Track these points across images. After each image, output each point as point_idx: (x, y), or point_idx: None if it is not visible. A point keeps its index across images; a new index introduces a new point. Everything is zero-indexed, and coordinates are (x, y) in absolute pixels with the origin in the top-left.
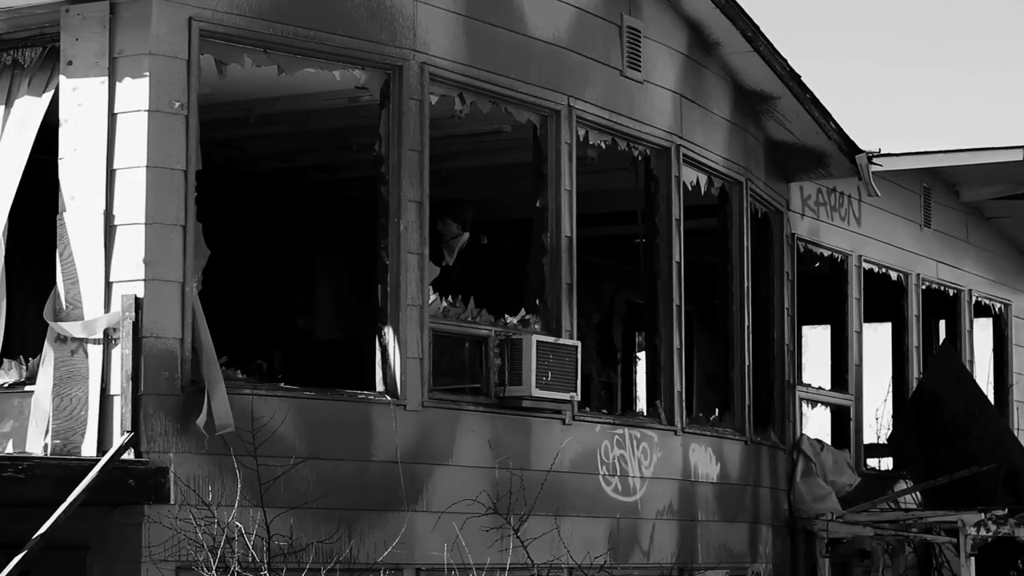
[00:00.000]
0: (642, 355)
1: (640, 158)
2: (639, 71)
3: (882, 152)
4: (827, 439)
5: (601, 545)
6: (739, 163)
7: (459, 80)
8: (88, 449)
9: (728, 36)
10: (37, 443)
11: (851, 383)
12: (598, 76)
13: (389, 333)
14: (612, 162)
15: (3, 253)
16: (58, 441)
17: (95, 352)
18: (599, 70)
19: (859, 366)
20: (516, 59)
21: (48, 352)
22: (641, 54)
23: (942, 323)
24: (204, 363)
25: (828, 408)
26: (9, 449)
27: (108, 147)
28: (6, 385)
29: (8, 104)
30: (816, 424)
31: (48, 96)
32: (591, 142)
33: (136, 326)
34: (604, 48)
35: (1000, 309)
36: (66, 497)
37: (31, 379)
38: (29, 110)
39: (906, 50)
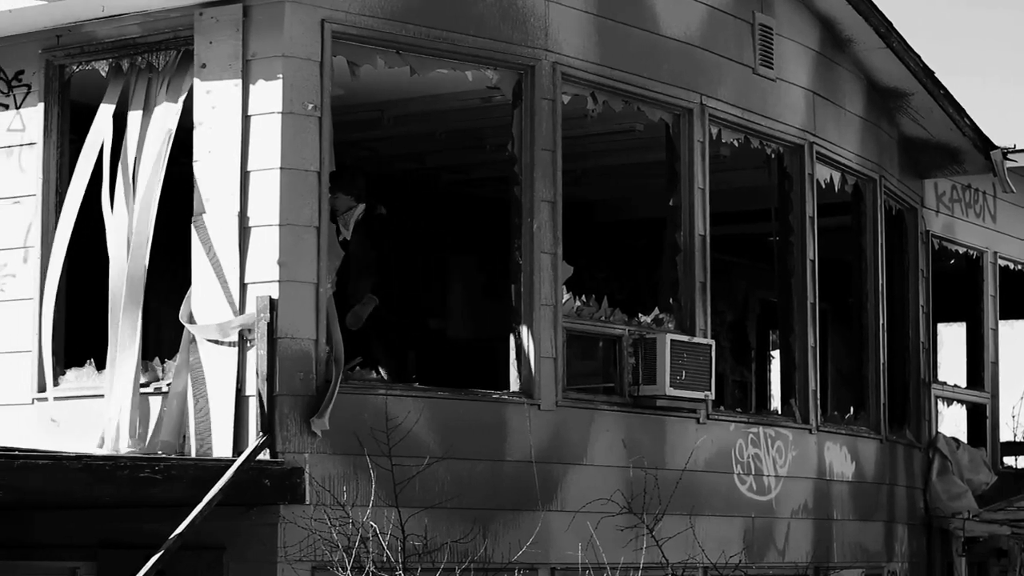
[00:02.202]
0: (776, 353)
1: (773, 156)
2: (771, 68)
3: (1017, 148)
4: (963, 437)
5: (736, 544)
6: (873, 160)
7: (591, 79)
8: (223, 450)
9: (861, 32)
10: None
11: (987, 381)
12: (730, 74)
13: (523, 333)
14: (745, 160)
15: (147, 261)
16: (194, 442)
17: (230, 353)
18: (731, 68)
19: (995, 364)
20: (648, 58)
21: (184, 354)
22: (773, 51)
23: None
24: (333, 362)
25: (964, 406)
26: (145, 449)
27: (242, 149)
28: (144, 386)
29: (147, 108)
30: (952, 422)
31: (182, 100)
32: (724, 140)
33: (271, 327)
34: (736, 46)
35: None
36: (202, 498)
37: (167, 380)
38: (168, 115)
39: None
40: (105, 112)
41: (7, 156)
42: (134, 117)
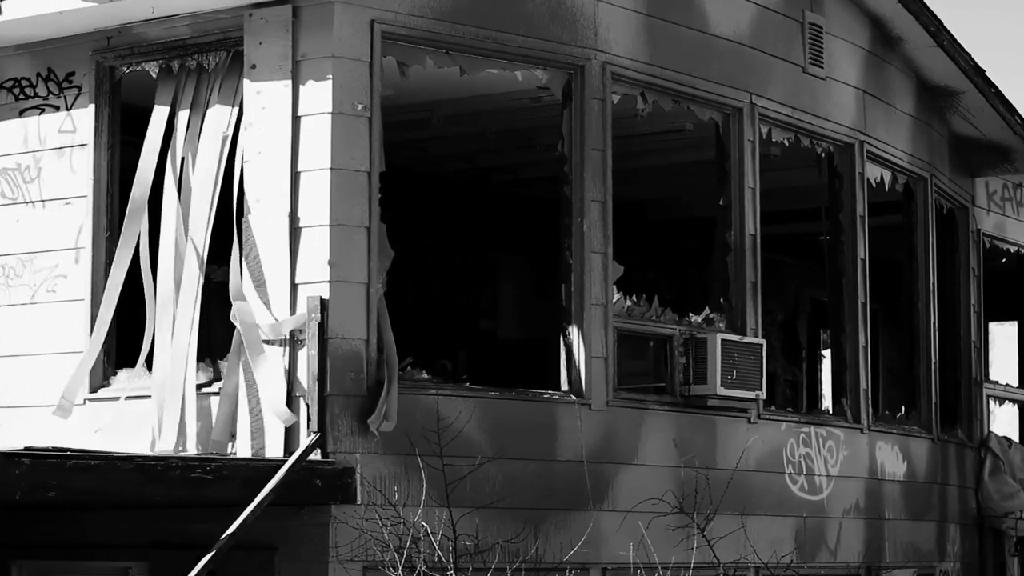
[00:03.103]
0: (827, 353)
1: (823, 155)
2: (821, 67)
3: None
4: (1015, 436)
5: (787, 544)
6: (923, 159)
7: (641, 79)
8: (274, 450)
9: (911, 31)
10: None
11: None
12: (780, 73)
13: (574, 333)
14: (795, 159)
15: (204, 264)
16: (245, 442)
17: (281, 354)
18: (781, 67)
19: None
20: (698, 57)
21: (236, 354)
22: (823, 50)
23: None
24: (386, 363)
25: (1016, 405)
26: (196, 449)
27: (292, 150)
28: (196, 387)
29: (195, 108)
30: (1004, 421)
31: (237, 105)
32: (774, 139)
33: (322, 327)
34: (786, 45)
35: None
36: (253, 497)
37: (219, 381)
38: (222, 119)
39: None
40: (159, 113)
41: (58, 157)
42: (183, 117)
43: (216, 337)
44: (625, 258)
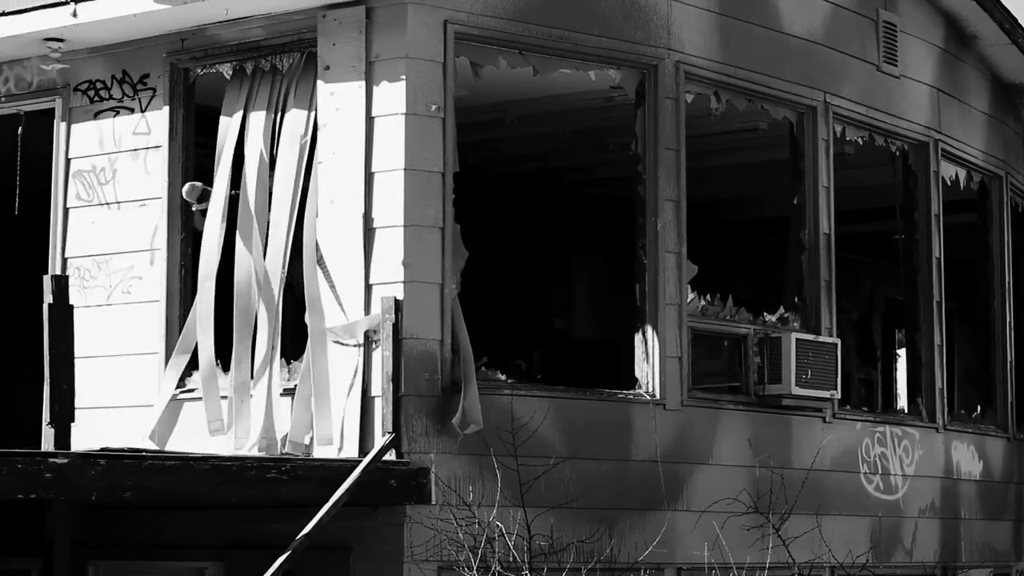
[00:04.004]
0: (902, 352)
1: (898, 153)
2: (895, 66)
3: None
4: None
5: (863, 544)
6: (998, 157)
7: (714, 78)
8: (349, 450)
9: (985, 29)
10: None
11: None
12: (854, 71)
13: (648, 332)
14: (869, 158)
15: (286, 265)
16: (320, 442)
17: (356, 354)
18: (855, 65)
19: None
20: (771, 56)
21: (310, 355)
22: (897, 48)
23: None
24: (461, 363)
25: None
26: (276, 449)
27: (366, 151)
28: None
29: (269, 109)
30: None
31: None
32: (848, 138)
33: (396, 328)
34: (860, 43)
35: None
36: (328, 498)
37: (294, 381)
38: (299, 122)
39: None
40: (235, 116)
41: (133, 159)
42: (259, 119)
43: (289, 338)
44: (699, 257)
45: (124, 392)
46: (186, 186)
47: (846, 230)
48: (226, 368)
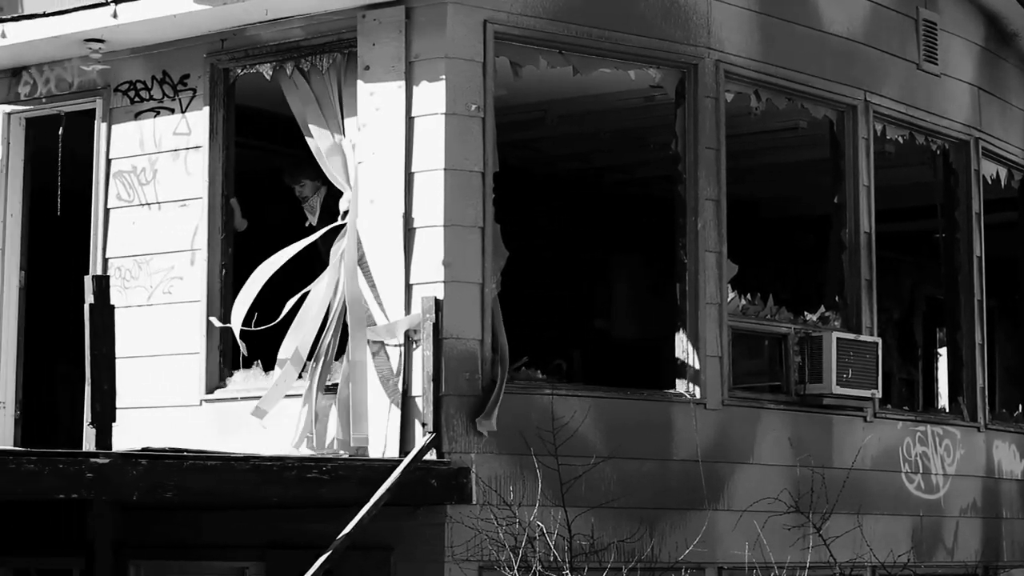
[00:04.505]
0: (943, 351)
1: (938, 152)
2: (936, 64)
3: None
4: None
5: (904, 543)
6: None
7: (754, 77)
8: (390, 450)
9: None
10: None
11: None
12: (894, 70)
13: (688, 332)
14: (910, 156)
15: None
16: (360, 442)
17: (396, 354)
18: (895, 64)
19: None
20: (811, 54)
21: (349, 354)
22: (937, 47)
23: None
24: (499, 363)
25: None
26: (308, 450)
27: (406, 150)
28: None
29: (309, 108)
30: None
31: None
32: (888, 137)
33: (436, 328)
34: (900, 42)
35: None
36: (369, 498)
37: (335, 381)
38: (339, 119)
39: None
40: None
41: (173, 159)
42: (300, 118)
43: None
44: (739, 256)
45: (165, 392)
46: None
47: (887, 229)
48: (268, 368)
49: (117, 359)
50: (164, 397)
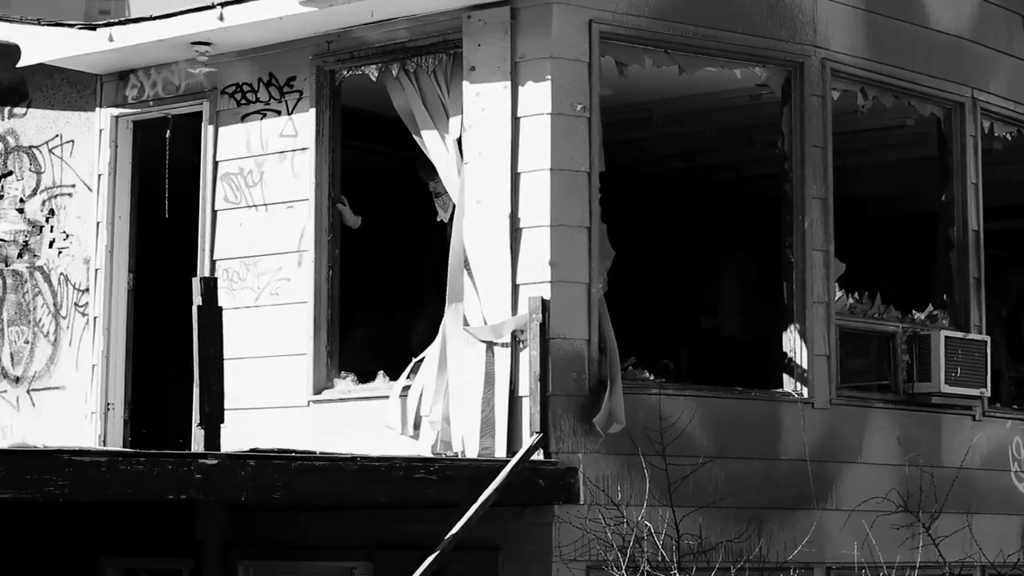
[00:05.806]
0: None
1: None
2: None
3: None
4: None
5: (1013, 543)
6: None
7: (860, 75)
8: (497, 450)
9: None
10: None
11: None
12: (1001, 66)
13: (796, 331)
14: (1019, 153)
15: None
16: (467, 442)
17: (503, 354)
18: (1002, 60)
19: None
20: (918, 52)
21: (456, 355)
22: None
23: None
24: (608, 363)
25: None
26: (414, 450)
27: (512, 151)
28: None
29: (417, 110)
30: None
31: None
32: (996, 134)
33: (543, 328)
34: (1007, 38)
35: None
36: (476, 498)
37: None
38: (455, 126)
39: None
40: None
41: (280, 161)
42: (408, 120)
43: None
44: (846, 255)
45: (273, 393)
46: None
47: (995, 226)
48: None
49: (225, 360)
50: (271, 398)
